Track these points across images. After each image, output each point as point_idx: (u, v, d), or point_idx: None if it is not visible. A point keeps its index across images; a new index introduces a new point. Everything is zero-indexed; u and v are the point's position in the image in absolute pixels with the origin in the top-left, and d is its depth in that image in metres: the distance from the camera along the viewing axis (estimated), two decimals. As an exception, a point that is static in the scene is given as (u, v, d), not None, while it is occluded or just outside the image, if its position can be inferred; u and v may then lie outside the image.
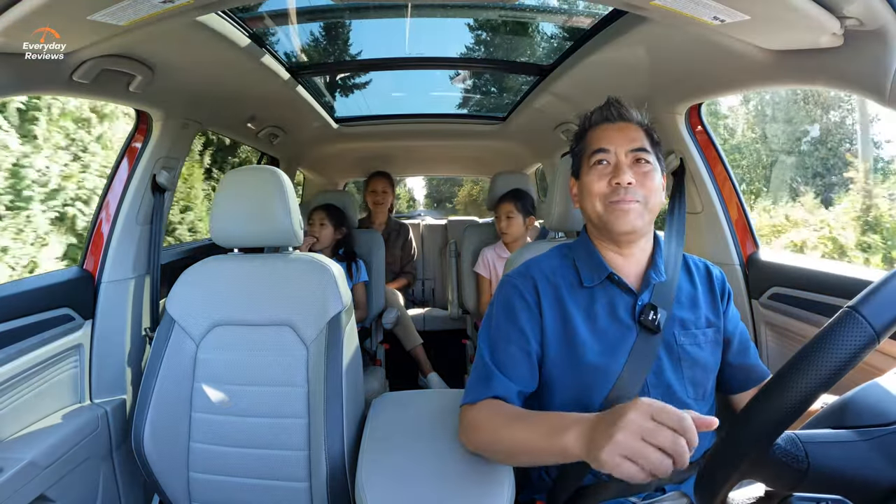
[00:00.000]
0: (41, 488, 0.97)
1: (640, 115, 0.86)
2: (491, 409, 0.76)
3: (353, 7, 1.50)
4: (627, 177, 0.79)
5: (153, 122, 1.32)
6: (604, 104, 0.87)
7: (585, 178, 0.84)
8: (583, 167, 0.86)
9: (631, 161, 0.81)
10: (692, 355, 0.82)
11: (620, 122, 0.84)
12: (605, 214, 0.81)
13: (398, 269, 2.77)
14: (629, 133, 0.83)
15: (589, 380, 0.79)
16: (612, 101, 0.86)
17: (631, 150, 0.81)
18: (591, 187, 0.82)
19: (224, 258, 1.18)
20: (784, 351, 1.17)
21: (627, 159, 0.81)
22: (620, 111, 0.85)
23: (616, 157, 0.81)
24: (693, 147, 1.30)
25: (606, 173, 0.81)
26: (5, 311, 1.00)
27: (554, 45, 1.57)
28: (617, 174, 0.80)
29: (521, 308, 0.83)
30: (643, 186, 0.80)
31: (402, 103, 2.32)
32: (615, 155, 0.81)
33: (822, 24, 0.71)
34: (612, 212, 0.80)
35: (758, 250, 1.29)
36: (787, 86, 0.95)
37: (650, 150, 0.83)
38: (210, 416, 1.09)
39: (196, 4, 0.82)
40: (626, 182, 0.79)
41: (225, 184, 1.15)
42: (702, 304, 0.87)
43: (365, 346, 2.08)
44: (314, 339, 1.08)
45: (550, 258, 0.91)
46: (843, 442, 0.42)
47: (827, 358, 0.37)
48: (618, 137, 0.82)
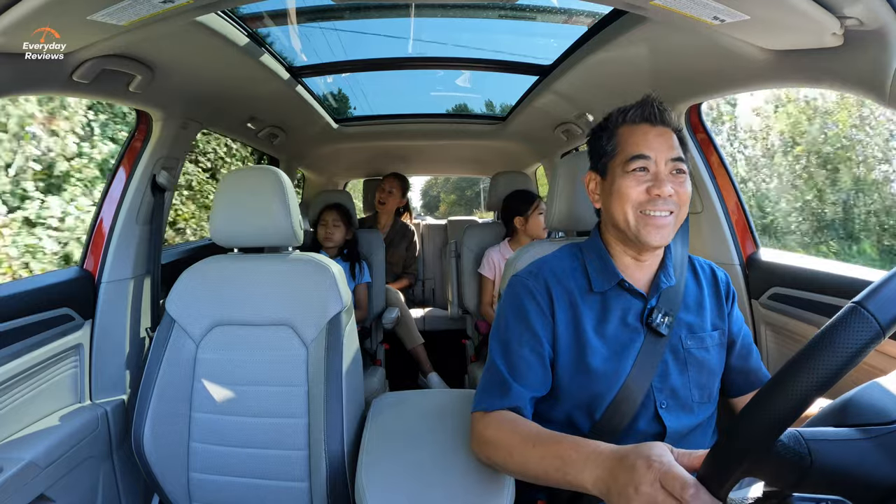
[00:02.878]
0: (41, 488, 0.97)
1: (675, 118, 0.83)
2: (505, 424, 0.74)
3: (353, 7, 1.50)
4: (669, 188, 0.77)
5: (153, 122, 1.32)
6: (643, 102, 0.82)
7: (619, 181, 0.80)
8: (615, 168, 0.81)
9: (670, 170, 0.78)
10: (698, 359, 0.82)
11: (661, 126, 0.80)
12: (638, 226, 0.78)
13: (401, 270, 2.78)
14: (668, 139, 0.79)
15: (596, 384, 0.78)
16: (653, 100, 0.81)
17: (671, 160, 0.78)
18: (627, 193, 0.78)
19: (224, 258, 1.18)
20: (784, 351, 1.17)
21: (667, 168, 0.78)
22: (663, 115, 0.81)
23: (656, 165, 0.78)
24: (693, 147, 1.31)
25: (645, 181, 0.78)
26: (5, 311, 1.00)
27: (553, 45, 1.57)
28: (658, 185, 0.77)
29: (533, 310, 0.82)
30: (678, 196, 0.78)
31: (402, 103, 2.32)
32: (655, 163, 0.78)
33: (822, 24, 0.71)
34: (645, 226, 0.78)
35: (758, 250, 1.29)
36: (788, 86, 0.95)
37: (685, 158, 0.80)
38: (210, 416, 1.09)
39: (196, 4, 0.82)
40: (668, 194, 0.77)
41: (225, 184, 1.15)
42: (708, 306, 0.86)
43: (365, 346, 2.08)
44: (314, 338, 1.08)
45: (561, 259, 0.88)
46: (846, 440, 0.42)
47: (833, 353, 0.37)
48: (658, 143, 0.79)
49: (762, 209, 7.73)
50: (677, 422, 0.79)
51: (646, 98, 0.82)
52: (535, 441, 0.68)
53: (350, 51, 1.77)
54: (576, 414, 0.80)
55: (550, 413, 0.83)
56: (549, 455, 0.65)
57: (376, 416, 0.98)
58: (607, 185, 0.83)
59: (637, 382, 0.77)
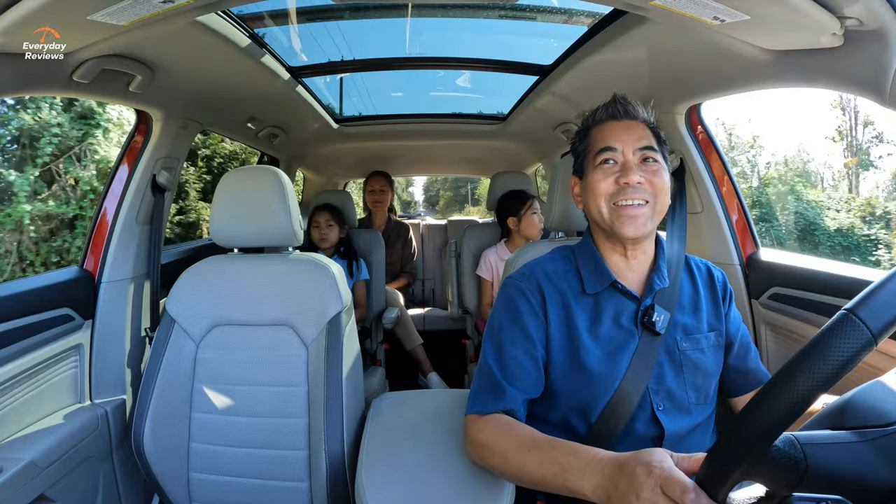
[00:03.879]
0: (41, 488, 0.97)
1: (647, 112, 0.84)
2: (500, 428, 0.74)
3: (353, 7, 1.50)
4: (636, 176, 0.77)
5: (153, 122, 1.32)
6: (610, 101, 0.84)
7: (591, 176, 0.82)
8: (587, 166, 0.83)
9: (639, 160, 0.79)
10: (694, 360, 0.81)
11: (627, 120, 0.82)
12: (612, 218, 0.79)
13: (398, 269, 2.77)
14: (636, 131, 0.81)
15: (591, 386, 0.78)
16: (618, 98, 0.84)
17: (639, 149, 0.79)
18: (597, 186, 0.80)
19: (224, 258, 1.18)
20: (784, 351, 1.17)
21: (635, 158, 0.79)
22: (627, 108, 0.83)
23: (623, 155, 0.79)
24: (693, 147, 1.30)
25: (613, 172, 0.79)
26: (5, 311, 1.00)
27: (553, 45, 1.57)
28: (625, 173, 0.78)
29: (526, 311, 0.82)
30: (651, 185, 0.78)
31: (402, 103, 2.31)
32: (622, 154, 0.79)
33: (822, 24, 0.71)
34: (618, 217, 0.78)
35: (758, 250, 1.29)
36: (788, 86, 0.95)
37: (657, 148, 0.81)
38: (210, 416, 1.09)
39: (196, 4, 0.82)
40: (636, 182, 0.77)
41: (225, 184, 1.15)
42: (704, 307, 0.86)
43: (365, 346, 2.08)
44: (314, 338, 1.08)
45: (553, 260, 0.89)
46: (842, 443, 0.42)
47: (824, 361, 0.38)
48: (625, 135, 0.80)
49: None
50: (675, 423, 0.78)
51: (613, 97, 0.85)
52: (530, 446, 0.68)
53: (350, 51, 1.77)
54: (572, 416, 0.80)
55: (547, 416, 0.82)
56: (547, 461, 0.65)
57: (376, 416, 0.98)
58: (584, 184, 0.85)
59: (632, 384, 0.77)
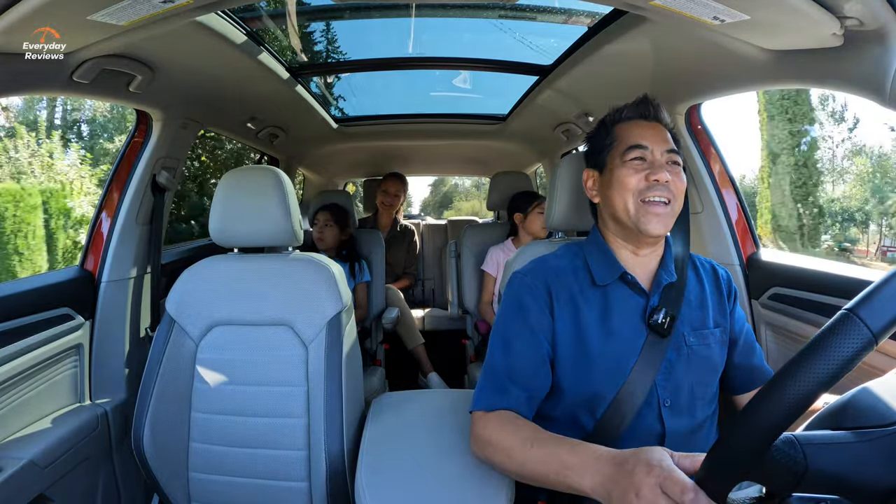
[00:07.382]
0: (41, 488, 0.97)
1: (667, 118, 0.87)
2: (504, 425, 0.74)
3: (354, 7, 1.50)
4: (666, 175, 0.79)
5: (153, 122, 1.32)
6: (640, 100, 0.87)
7: (618, 171, 0.83)
8: (613, 160, 0.85)
9: (666, 161, 0.82)
10: (701, 356, 0.82)
11: (654, 122, 0.85)
12: (637, 214, 0.81)
13: (401, 270, 2.78)
14: (663, 134, 0.84)
15: (598, 381, 0.79)
16: (649, 99, 0.86)
17: (667, 151, 0.82)
18: (626, 181, 0.81)
19: (224, 258, 1.18)
20: (784, 351, 1.17)
21: (663, 158, 0.82)
22: (657, 112, 0.86)
23: (653, 154, 0.82)
24: (693, 147, 1.31)
25: (643, 169, 0.81)
26: (5, 311, 1.00)
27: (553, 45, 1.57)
28: (656, 170, 0.80)
29: (532, 307, 0.83)
30: (675, 186, 0.81)
31: (402, 103, 2.31)
32: (652, 153, 0.82)
33: (822, 24, 0.71)
34: (644, 214, 0.80)
35: (758, 250, 1.29)
36: (788, 86, 0.95)
37: (679, 153, 0.84)
38: (209, 415, 1.09)
39: (196, 4, 0.82)
40: (665, 179, 0.79)
41: (224, 184, 1.15)
42: (710, 304, 0.87)
43: (365, 346, 2.08)
44: (314, 338, 1.08)
45: (560, 257, 0.90)
46: (842, 444, 0.42)
47: (825, 361, 0.37)
48: (653, 136, 0.83)
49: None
50: (679, 421, 0.79)
51: (642, 97, 0.87)
52: (533, 443, 0.69)
53: (350, 51, 1.77)
54: (578, 412, 0.80)
55: (553, 411, 0.83)
56: (549, 458, 0.65)
57: (376, 416, 0.98)
58: (605, 178, 0.86)
59: (640, 380, 0.78)
